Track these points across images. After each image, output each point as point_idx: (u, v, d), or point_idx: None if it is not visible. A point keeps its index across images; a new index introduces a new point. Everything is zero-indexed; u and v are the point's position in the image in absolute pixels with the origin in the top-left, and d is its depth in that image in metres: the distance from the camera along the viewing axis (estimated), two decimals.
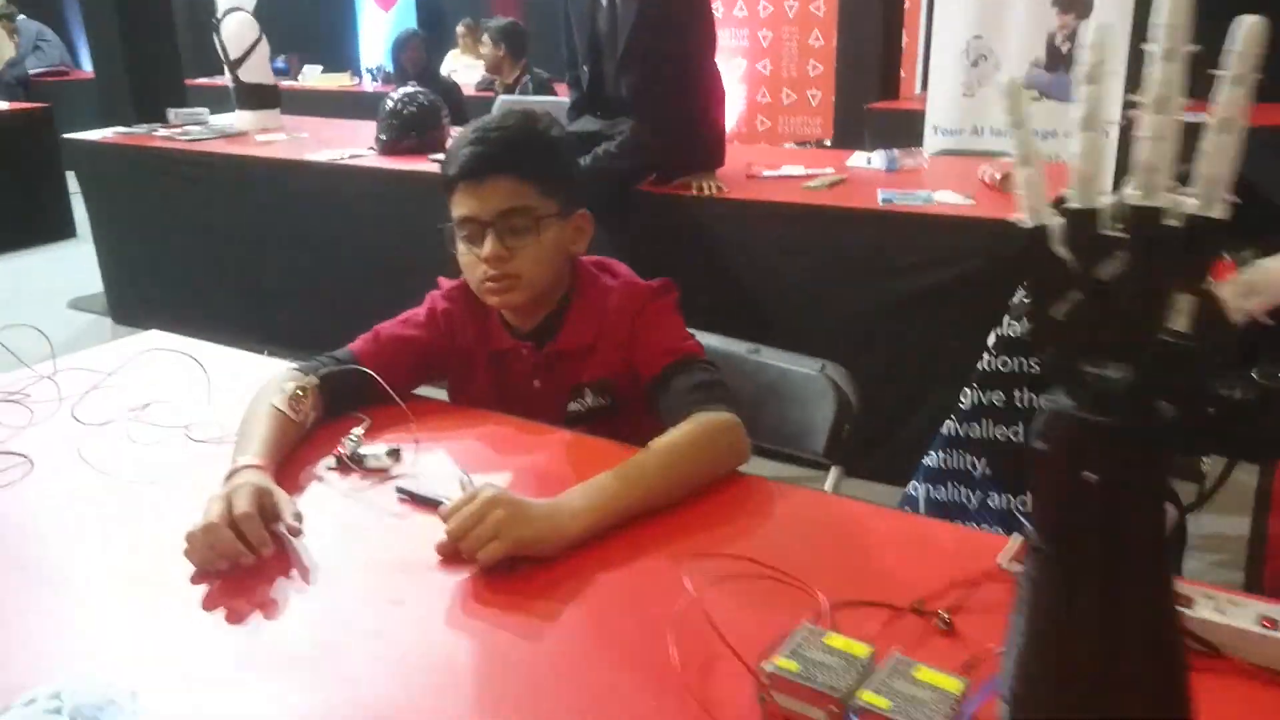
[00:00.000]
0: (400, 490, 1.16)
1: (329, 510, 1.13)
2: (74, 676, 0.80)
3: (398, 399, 1.30)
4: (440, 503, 1.12)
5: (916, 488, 2.29)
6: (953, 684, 0.78)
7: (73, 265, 5.55)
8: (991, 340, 2.48)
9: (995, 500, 2.22)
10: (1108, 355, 0.56)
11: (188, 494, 1.17)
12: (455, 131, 3.97)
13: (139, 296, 4.38)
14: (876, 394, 1.89)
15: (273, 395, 1.26)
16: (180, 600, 0.96)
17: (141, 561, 1.04)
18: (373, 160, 3.71)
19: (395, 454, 1.25)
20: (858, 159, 3.47)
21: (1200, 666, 0.73)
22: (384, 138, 3.84)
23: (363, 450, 1.24)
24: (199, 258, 4.09)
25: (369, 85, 7.73)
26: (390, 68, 7.81)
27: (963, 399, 2.21)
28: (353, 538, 1.09)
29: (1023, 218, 0.59)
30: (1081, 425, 0.58)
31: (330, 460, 1.25)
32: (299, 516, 1.04)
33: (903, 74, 5.97)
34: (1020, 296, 2.20)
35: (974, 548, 1.03)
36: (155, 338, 1.70)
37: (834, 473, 1.66)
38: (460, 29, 7.90)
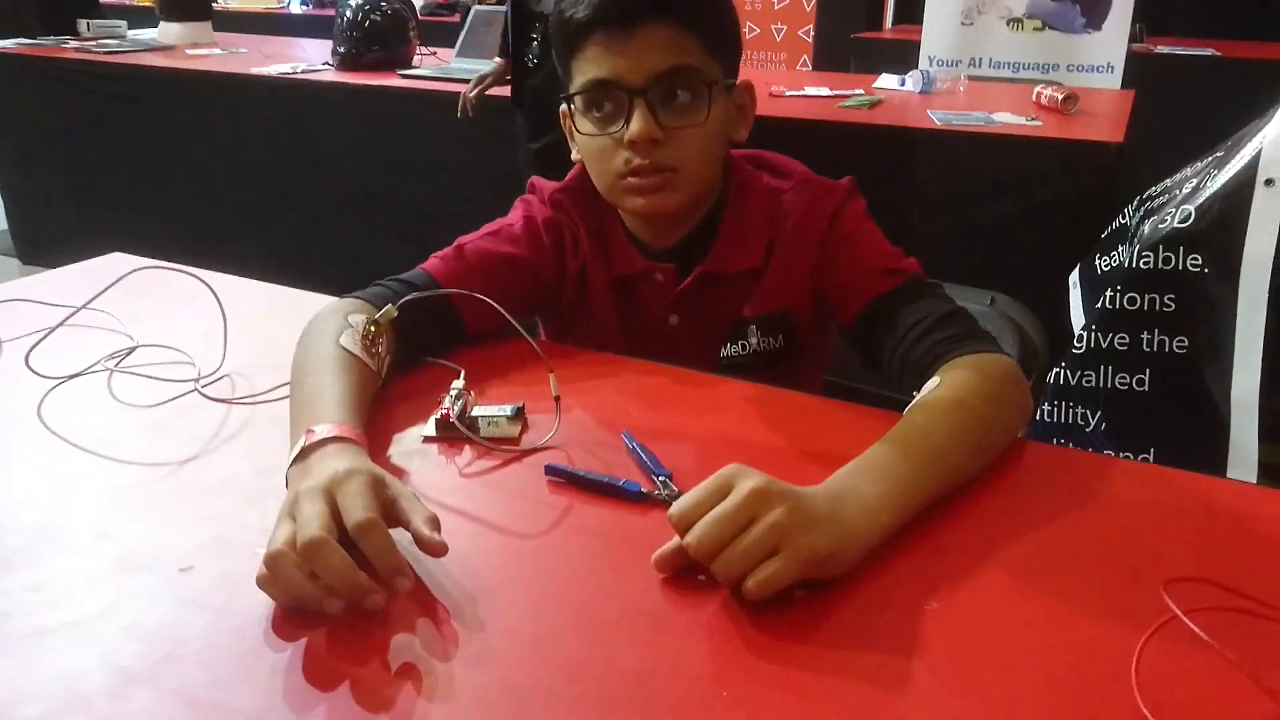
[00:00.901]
0: (555, 471, 0.78)
1: (449, 504, 0.75)
2: None
3: (528, 338, 0.91)
4: (623, 490, 0.75)
5: None
6: None
7: None
8: (1077, 276, 2.19)
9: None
10: None
11: (220, 480, 0.78)
12: (424, 50, 3.56)
13: (53, 232, 3.80)
14: None
15: (336, 333, 0.86)
16: (256, 658, 0.58)
17: (172, 590, 0.64)
18: (334, 75, 3.23)
19: (520, 415, 0.87)
20: (887, 80, 3.13)
21: None
22: (343, 50, 3.36)
23: (477, 411, 0.85)
24: (125, 186, 3.55)
25: (297, 8, 7.07)
26: None
27: (1077, 343, 1.90)
28: (505, 550, 0.71)
29: None
30: None
31: (424, 429, 0.86)
32: (434, 522, 0.65)
33: None
34: (1143, 225, 1.90)
35: None
36: (124, 262, 1.26)
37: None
38: None
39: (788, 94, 2.94)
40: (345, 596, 0.59)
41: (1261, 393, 1.75)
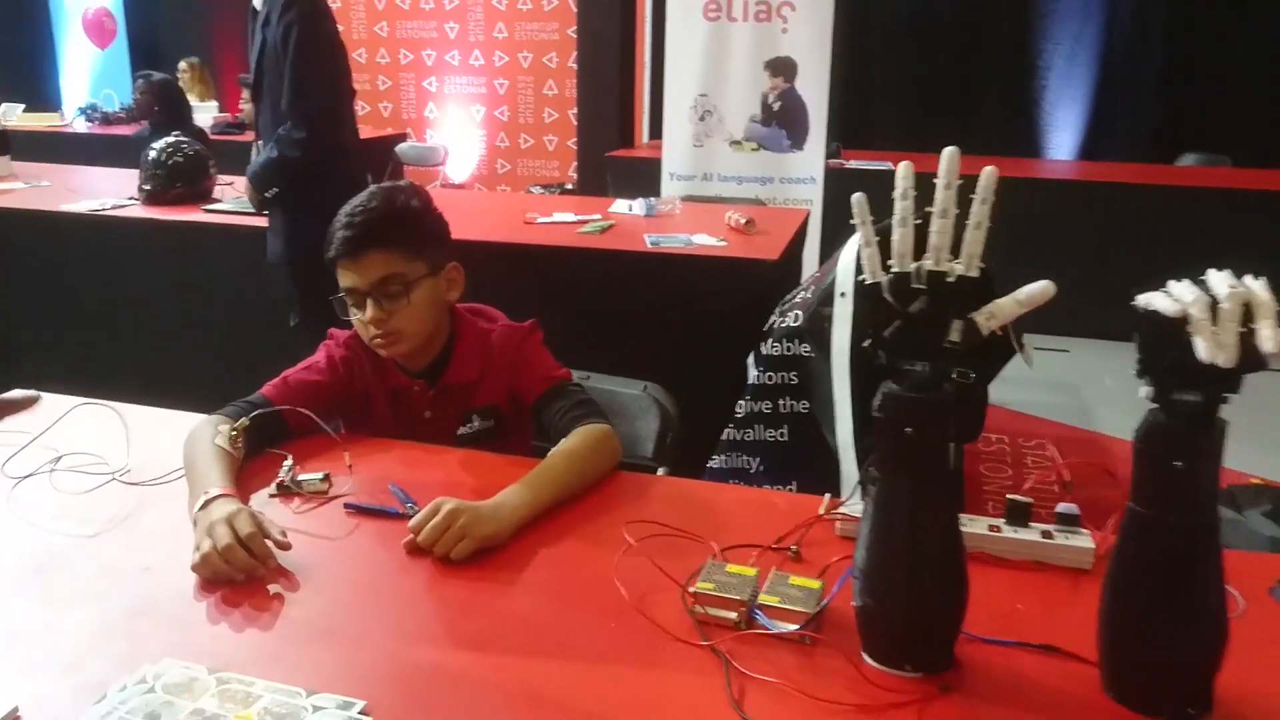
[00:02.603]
0: (350, 506, 1.39)
1: (291, 528, 1.34)
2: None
3: (331, 432, 1.52)
4: (388, 514, 1.37)
5: None
6: (814, 584, 1.16)
7: None
8: (752, 359, 2.96)
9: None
10: (916, 357, 0.96)
11: (150, 525, 1.34)
12: (223, 178, 4.04)
13: None
14: None
15: (211, 437, 1.44)
16: (197, 602, 1.16)
17: (141, 577, 1.21)
18: (141, 210, 3.67)
19: (327, 479, 1.47)
20: (620, 205, 3.90)
21: None
22: (148, 188, 3.80)
23: (301, 478, 1.45)
24: None
25: (81, 126, 7.23)
26: (105, 107, 7.42)
27: (739, 409, 2.66)
28: (322, 548, 1.31)
29: (866, 277, 0.98)
30: (901, 400, 0.97)
31: (269, 489, 1.44)
32: (283, 533, 1.25)
33: None
34: (777, 322, 2.69)
35: (799, 506, 1.43)
36: (23, 396, 1.76)
37: (660, 472, 2.03)
38: (183, 66, 7.63)
39: (539, 220, 3.65)
40: (246, 573, 1.19)
41: (855, 436, 2.54)
